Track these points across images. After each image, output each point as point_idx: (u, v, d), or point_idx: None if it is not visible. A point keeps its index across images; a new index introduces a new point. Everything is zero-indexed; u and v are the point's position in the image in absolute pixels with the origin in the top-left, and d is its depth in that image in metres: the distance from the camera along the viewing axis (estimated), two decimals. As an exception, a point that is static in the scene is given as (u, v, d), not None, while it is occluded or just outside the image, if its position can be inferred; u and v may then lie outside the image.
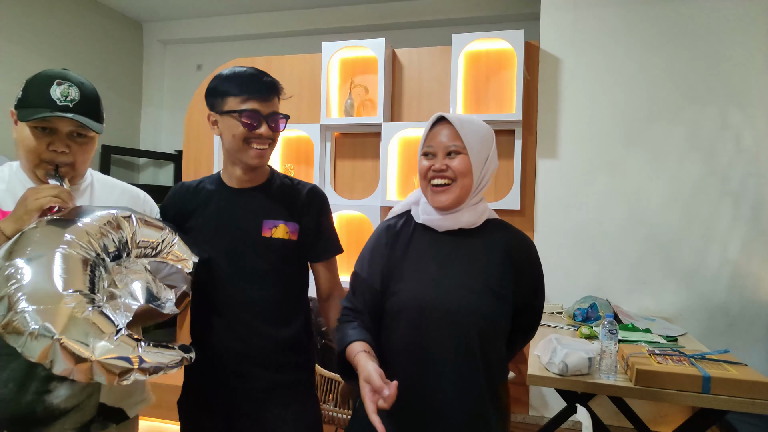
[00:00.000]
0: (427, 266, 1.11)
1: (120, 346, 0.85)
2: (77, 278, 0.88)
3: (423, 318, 1.06)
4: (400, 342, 1.09)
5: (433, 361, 1.05)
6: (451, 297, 1.06)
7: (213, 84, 1.25)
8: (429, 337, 1.06)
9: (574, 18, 2.91)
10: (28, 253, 0.88)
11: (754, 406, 1.48)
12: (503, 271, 1.11)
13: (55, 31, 4.10)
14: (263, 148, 1.23)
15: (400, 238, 1.16)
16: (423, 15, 4.25)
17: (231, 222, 1.26)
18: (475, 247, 1.13)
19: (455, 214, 1.13)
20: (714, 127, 2.71)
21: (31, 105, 1.06)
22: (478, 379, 1.06)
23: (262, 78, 1.23)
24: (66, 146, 1.09)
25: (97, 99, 1.14)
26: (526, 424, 2.93)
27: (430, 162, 1.12)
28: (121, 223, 1.03)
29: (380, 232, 1.20)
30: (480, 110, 3.09)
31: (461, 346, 1.05)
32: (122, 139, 4.71)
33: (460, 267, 1.10)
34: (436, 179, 1.11)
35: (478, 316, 1.06)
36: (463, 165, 1.10)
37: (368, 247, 1.20)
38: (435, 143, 1.13)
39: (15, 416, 1.01)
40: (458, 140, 1.11)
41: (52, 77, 1.08)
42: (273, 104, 1.24)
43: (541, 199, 2.95)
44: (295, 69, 3.44)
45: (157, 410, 2.69)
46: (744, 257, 2.66)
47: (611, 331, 1.64)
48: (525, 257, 1.16)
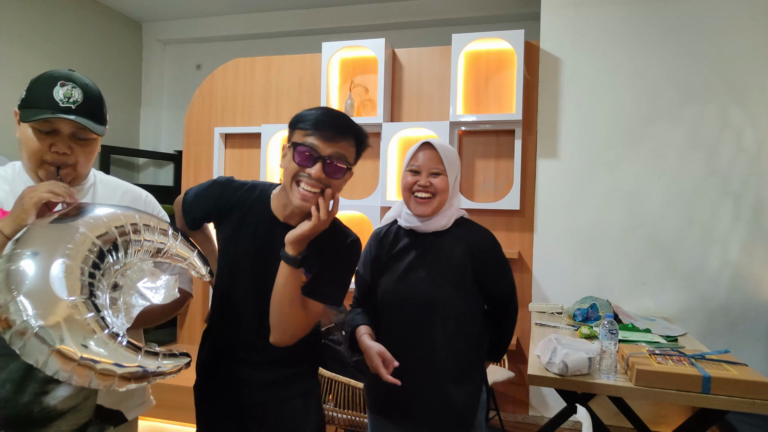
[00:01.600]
0: (402, 263, 1.41)
1: (119, 352, 0.85)
2: (77, 282, 0.88)
3: (397, 304, 1.39)
4: (386, 323, 1.42)
5: (407, 338, 1.37)
6: (418, 287, 1.37)
7: (295, 116, 1.16)
8: (405, 320, 1.38)
9: (574, 18, 2.91)
10: (28, 254, 0.88)
11: (754, 406, 1.48)
12: (464, 262, 1.38)
13: (55, 31, 4.11)
14: (311, 192, 1.09)
15: (387, 241, 1.46)
16: (423, 15, 4.25)
17: (266, 251, 1.18)
18: (444, 244, 1.40)
19: (432, 220, 1.41)
20: (714, 127, 2.71)
21: (33, 105, 1.06)
22: (446, 357, 1.35)
23: (335, 116, 1.12)
24: (68, 147, 1.08)
25: (100, 101, 1.14)
26: (526, 424, 2.93)
27: (415, 178, 1.39)
28: (124, 223, 1.02)
29: (372, 237, 1.52)
30: (480, 110, 3.08)
31: (430, 326, 1.35)
32: (122, 139, 4.71)
33: (429, 261, 1.39)
34: (421, 193, 1.38)
35: (438, 302, 1.35)
36: (443, 184, 1.38)
37: (364, 250, 1.49)
38: (421, 163, 1.39)
39: (12, 417, 1.01)
40: (441, 164, 1.38)
41: (56, 78, 1.07)
42: (339, 147, 1.10)
43: (541, 199, 2.95)
44: (295, 69, 3.44)
45: (157, 410, 2.69)
46: (744, 257, 2.65)
47: (611, 331, 1.63)
48: (485, 248, 1.41)
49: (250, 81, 3.57)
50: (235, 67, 3.62)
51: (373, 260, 1.46)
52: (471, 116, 3.00)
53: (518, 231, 3.01)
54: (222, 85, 3.64)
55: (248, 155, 3.58)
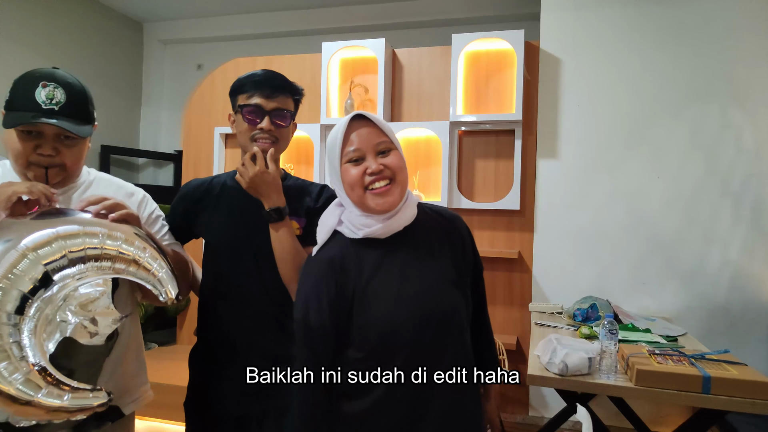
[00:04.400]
0: (389, 281, 1.02)
1: (25, 381, 0.82)
2: (9, 298, 0.84)
3: (403, 330, 0.99)
4: (387, 359, 0.99)
5: (419, 373, 0.99)
6: (424, 301, 1.01)
7: (233, 85, 1.31)
8: (416, 346, 1.00)
9: (574, 18, 2.91)
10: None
11: (754, 406, 1.48)
12: (447, 254, 1.09)
13: (55, 30, 4.10)
14: (266, 143, 1.26)
15: (349, 265, 1.03)
16: (423, 15, 4.25)
17: (245, 216, 1.29)
18: (420, 240, 1.07)
19: (396, 215, 1.04)
20: (715, 127, 2.71)
21: (16, 108, 1.03)
22: (466, 372, 1.03)
23: (269, 75, 1.29)
24: (53, 149, 1.06)
25: (85, 99, 1.11)
26: (526, 424, 2.93)
27: (360, 166, 1.03)
28: (85, 235, 0.94)
29: (319, 271, 1.04)
30: (480, 110, 3.08)
31: (446, 344, 1.02)
32: (122, 139, 4.70)
33: (417, 266, 1.04)
34: (377, 182, 1.02)
35: (453, 310, 1.04)
36: (398, 160, 1.04)
37: (314, 291, 1.03)
38: (361, 144, 1.03)
39: None
40: (384, 135, 1.04)
41: (38, 78, 1.05)
42: (279, 101, 1.28)
43: (541, 199, 2.95)
44: (295, 69, 3.44)
45: (157, 410, 2.70)
46: (744, 257, 2.65)
47: (611, 331, 1.64)
48: (463, 233, 1.15)
49: (250, 81, 3.56)
50: (235, 67, 3.62)
51: (335, 298, 1.01)
52: (471, 116, 3.00)
53: (518, 231, 3.01)
54: (222, 85, 3.64)
55: (248, 155, 3.57)
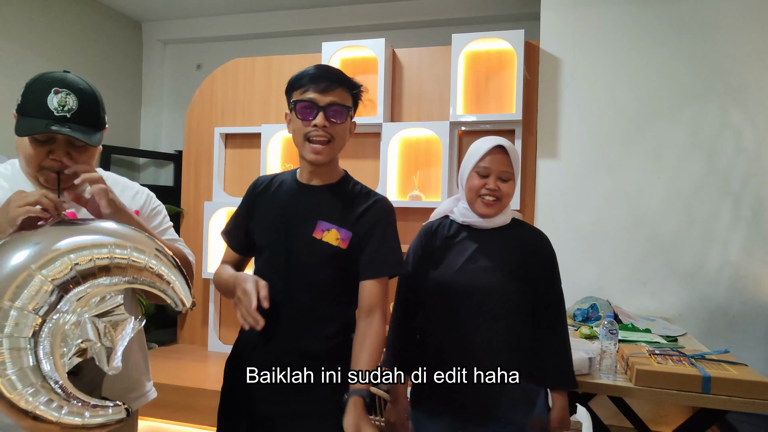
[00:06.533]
0: (461, 255, 1.41)
1: (48, 402, 0.83)
2: (25, 321, 0.84)
3: (456, 295, 1.38)
4: (443, 314, 1.41)
5: (467, 331, 1.37)
6: (480, 277, 1.38)
7: (289, 81, 1.27)
8: (466, 310, 1.37)
9: (574, 18, 2.91)
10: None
11: (754, 406, 1.48)
12: (520, 259, 1.40)
13: (54, 30, 4.10)
14: (321, 141, 1.20)
15: (441, 234, 1.46)
16: (423, 15, 4.25)
17: (290, 216, 1.25)
18: (502, 240, 1.42)
19: (492, 218, 1.43)
20: (715, 127, 2.71)
21: (28, 114, 1.03)
22: (501, 345, 1.36)
23: (325, 68, 1.23)
24: (66, 154, 1.07)
25: (96, 105, 1.11)
26: (526, 424, 2.93)
27: (483, 181, 1.39)
28: (98, 249, 0.92)
29: (422, 232, 1.51)
30: (480, 110, 3.09)
31: (490, 316, 1.37)
32: (122, 139, 4.70)
33: (489, 254, 1.40)
34: (489, 196, 1.38)
35: (500, 293, 1.37)
36: (511, 189, 1.41)
37: (411, 247, 1.50)
38: (492, 167, 1.39)
39: None
40: (510, 167, 1.39)
41: (50, 83, 1.04)
42: (335, 95, 1.20)
43: (541, 199, 2.95)
44: (295, 69, 3.40)
45: (157, 410, 2.70)
46: (744, 257, 2.65)
47: (611, 331, 1.64)
48: (541, 246, 1.46)
49: (250, 81, 3.57)
50: (235, 67, 3.62)
51: (422, 256, 1.45)
52: (471, 116, 3.01)
53: (518, 231, 3.01)
54: (222, 85, 3.64)
55: (248, 155, 3.58)
